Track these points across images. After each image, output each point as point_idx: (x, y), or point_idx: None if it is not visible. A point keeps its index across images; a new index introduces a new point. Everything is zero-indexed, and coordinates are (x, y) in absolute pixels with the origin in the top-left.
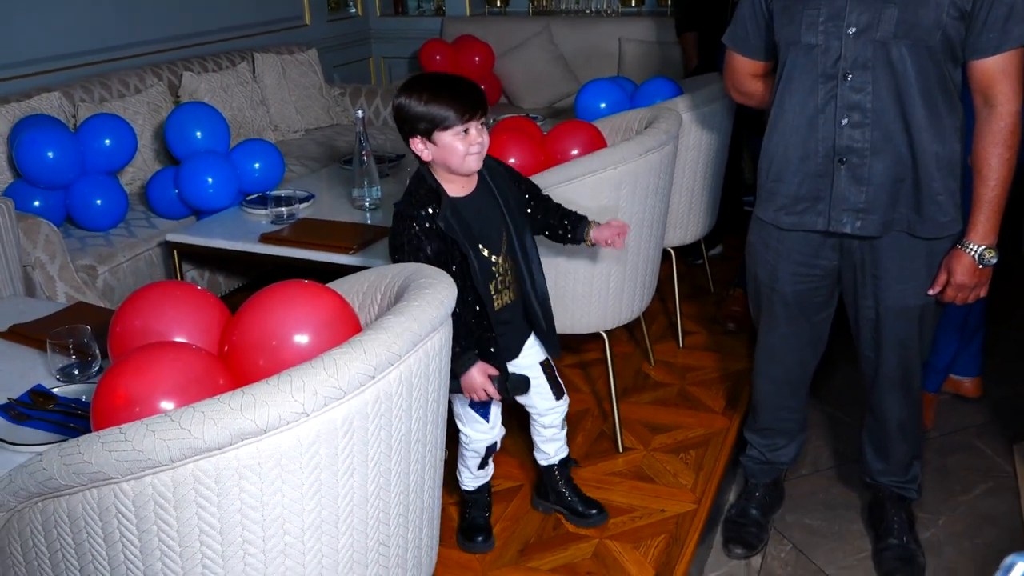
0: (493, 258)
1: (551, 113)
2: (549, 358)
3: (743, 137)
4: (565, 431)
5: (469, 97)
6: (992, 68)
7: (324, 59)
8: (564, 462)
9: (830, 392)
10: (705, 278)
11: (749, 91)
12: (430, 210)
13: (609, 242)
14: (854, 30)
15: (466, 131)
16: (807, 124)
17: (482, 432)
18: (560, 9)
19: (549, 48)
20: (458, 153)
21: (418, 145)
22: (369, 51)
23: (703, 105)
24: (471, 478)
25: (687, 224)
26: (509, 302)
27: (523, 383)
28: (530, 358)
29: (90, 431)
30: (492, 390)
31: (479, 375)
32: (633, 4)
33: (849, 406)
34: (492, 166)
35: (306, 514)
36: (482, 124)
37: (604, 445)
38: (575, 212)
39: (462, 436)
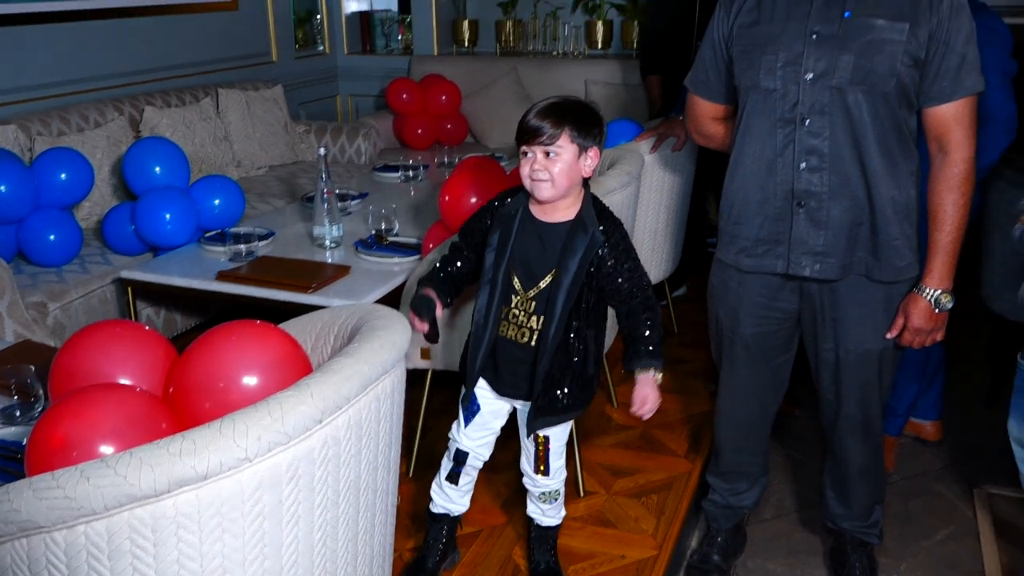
0: (517, 286)
1: (515, 152)
2: (549, 437)
3: (707, 178)
4: (553, 506)
5: (543, 117)
6: (945, 115)
7: (290, 96)
8: (547, 529)
9: (792, 435)
10: (669, 319)
11: (710, 133)
12: (507, 200)
13: (632, 408)
14: (811, 75)
15: (526, 153)
16: (766, 167)
17: (458, 432)
18: (527, 51)
19: (516, 89)
20: (523, 173)
21: None
22: (336, 88)
23: (665, 147)
24: (437, 489)
25: (650, 265)
26: (518, 341)
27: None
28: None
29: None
30: (418, 325)
31: (412, 317)
32: (599, 47)
33: (811, 449)
34: (592, 221)
35: (248, 564)
36: (548, 153)
37: (566, 489)
38: (647, 345)
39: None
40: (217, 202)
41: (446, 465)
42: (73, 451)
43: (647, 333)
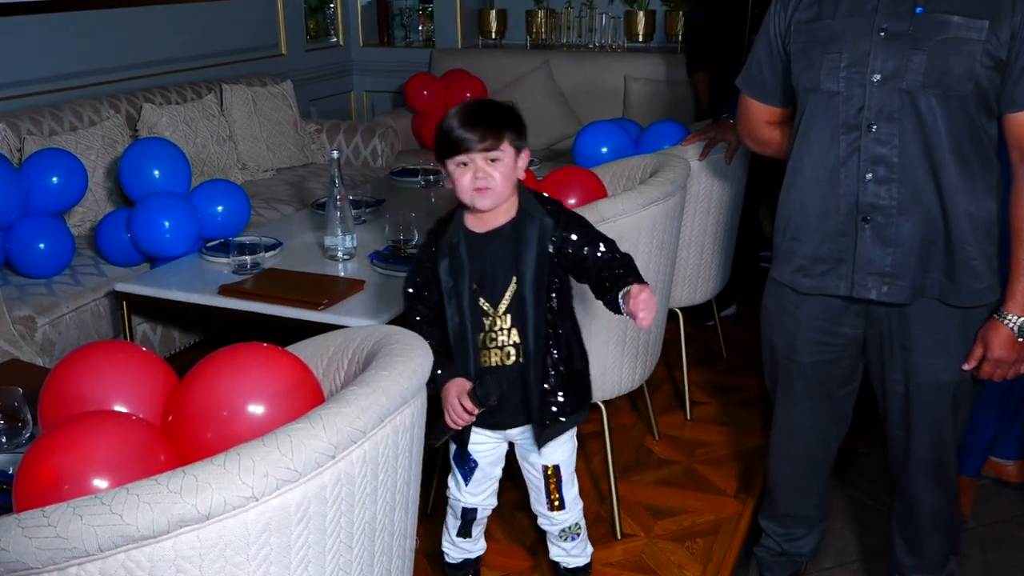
0: (486, 307)
1: (548, 156)
2: (559, 466)
3: (761, 186)
4: (576, 542)
5: (478, 122)
6: None
7: (300, 92)
8: (576, 571)
9: (855, 474)
10: (717, 342)
11: (764, 139)
12: (440, 234)
13: (631, 313)
14: (879, 77)
15: (466, 163)
16: (827, 178)
17: (459, 491)
18: (561, 43)
19: (548, 85)
20: (463, 187)
21: (444, 169)
22: (351, 84)
23: (714, 152)
24: (450, 545)
25: (696, 282)
26: (504, 364)
27: (493, 387)
28: (533, 453)
29: (12, 510)
30: (469, 405)
31: (453, 390)
32: (640, 39)
33: (877, 491)
34: (537, 208)
35: None
36: (492, 159)
37: (600, 530)
38: (628, 264)
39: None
40: (220, 209)
41: (453, 524)
42: (64, 485)
43: (614, 259)
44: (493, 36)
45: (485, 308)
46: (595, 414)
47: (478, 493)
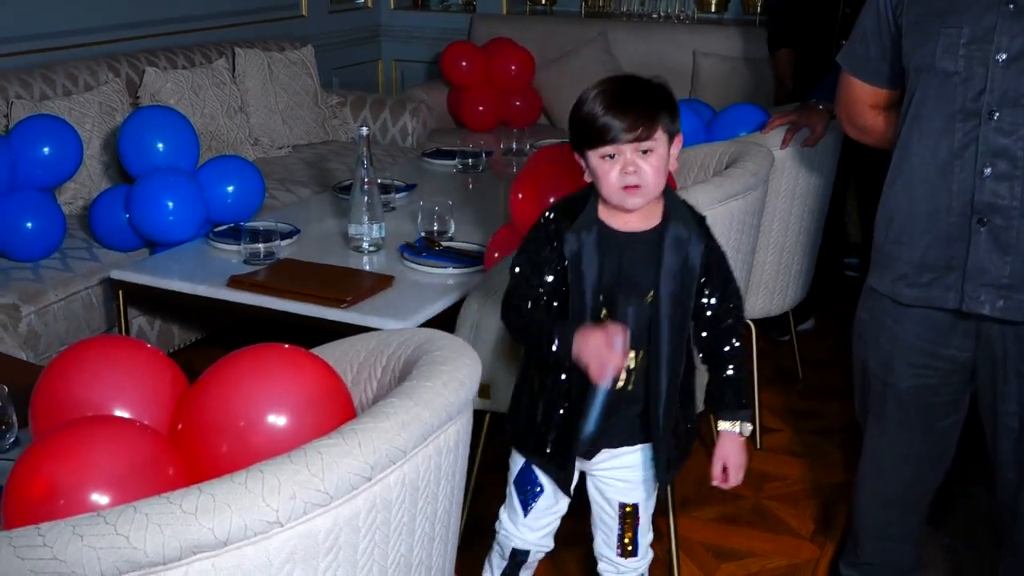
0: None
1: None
2: (638, 505)
3: (847, 182)
4: None
5: (629, 106)
6: None
7: (322, 59)
8: None
9: (955, 521)
10: (792, 360)
11: (867, 125)
12: (565, 215)
13: (712, 477)
14: (1005, 56)
15: (612, 156)
16: (939, 172)
17: (513, 525)
18: (621, 11)
19: (604, 59)
20: (609, 184)
21: (580, 160)
22: (379, 52)
23: (798, 140)
24: None
25: (774, 291)
26: (623, 388)
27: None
28: (614, 487)
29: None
30: (619, 349)
31: (595, 336)
32: (713, 9)
33: (979, 540)
34: (685, 215)
35: None
36: (644, 150)
37: (656, 573)
38: (734, 387)
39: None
40: (231, 189)
41: (499, 564)
42: (60, 499)
43: (732, 369)
44: (543, 1)
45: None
46: None
47: (537, 528)
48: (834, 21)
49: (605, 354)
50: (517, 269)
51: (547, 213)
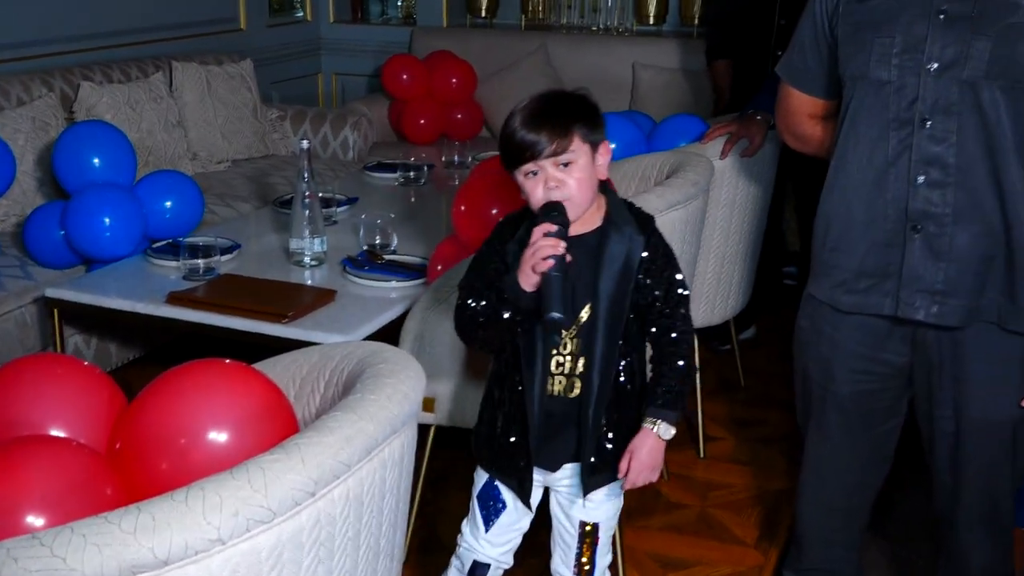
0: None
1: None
2: (598, 525)
3: (785, 191)
4: None
5: (541, 121)
6: None
7: (261, 73)
8: None
9: (895, 525)
10: (734, 369)
11: (805, 135)
12: (512, 230)
13: (620, 470)
14: (936, 66)
15: (535, 172)
16: (874, 180)
17: (474, 539)
18: (560, 24)
19: (545, 71)
20: (536, 199)
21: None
22: (319, 65)
23: (736, 150)
24: None
25: (715, 300)
26: (564, 395)
27: (552, 321)
28: (575, 504)
29: None
30: (545, 228)
31: (529, 248)
32: (651, 22)
33: (919, 544)
34: (627, 219)
35: None
36: (564, 163)
37: None
38: (663, 385)
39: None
40: (169, 204)
41: (457, 573)
42: None
43: (670, 367)
44: (483, 14)
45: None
46: None
47: (499, 544)
48: (770, 32)
49: (541, 245)
50: (466, 283)
51: (497, 226)
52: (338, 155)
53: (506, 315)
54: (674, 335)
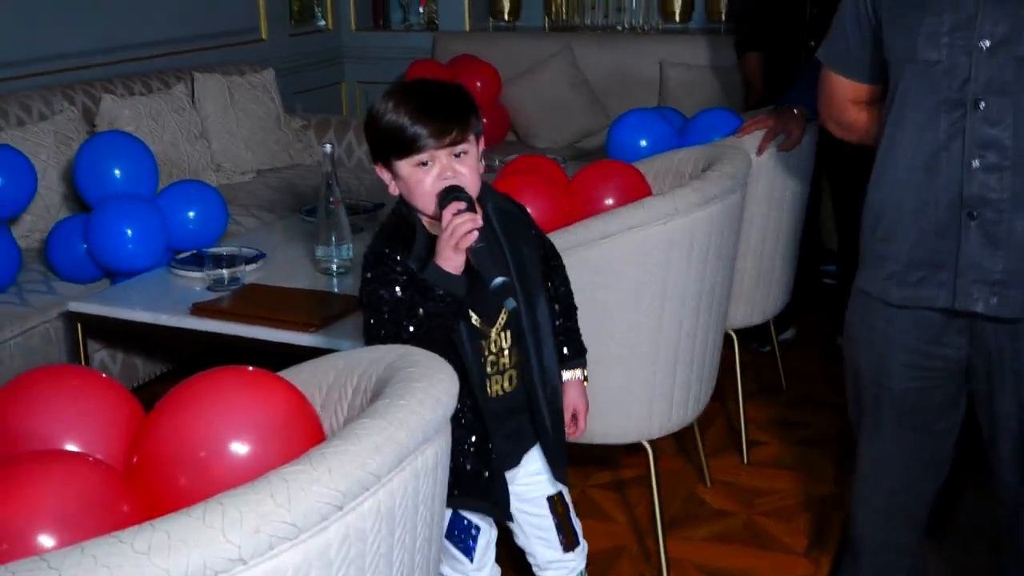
0: (480, 325)
1: (574, 155)
2: (563, 492)
3: (821, 186)
4: None
5: (440, 112)
6: None
7: (284, 82)
8: None
9: (955, 531)
10: (775, 371)
11: (849, 122)
12: (399, 251)
13: (568, 428)
14: (989, 43)
15: (425, 163)
16: (925, 166)
17: (462, 574)
18: (585, 25)
19: (571, 72)
20: (423, 190)
21: (384, 174)
22: (341, 74)
23: (774, 143)
24: None
25: (755, 299)
26: (506, 391)
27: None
28: (533, 486)
29: None
30: (456, 206)
31: (443, 232)
32: (677, 19)
33: (981, 549)
34: (506, 209)
35: None
36: (457, 153)
37: None
38: (579, 336)
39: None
40: (192, 215)
41: None
42: (3, 543)
43: (563, 318)
44: (506, 17)
45: (480, 328)
46: (639, 457)
47: (485, 564)
48: (802, 23)
49: (458, 224)
50: (378, 315)
51: (378, 251)
52: (364, 163)
53: (440, 298)
54: (563, 286)
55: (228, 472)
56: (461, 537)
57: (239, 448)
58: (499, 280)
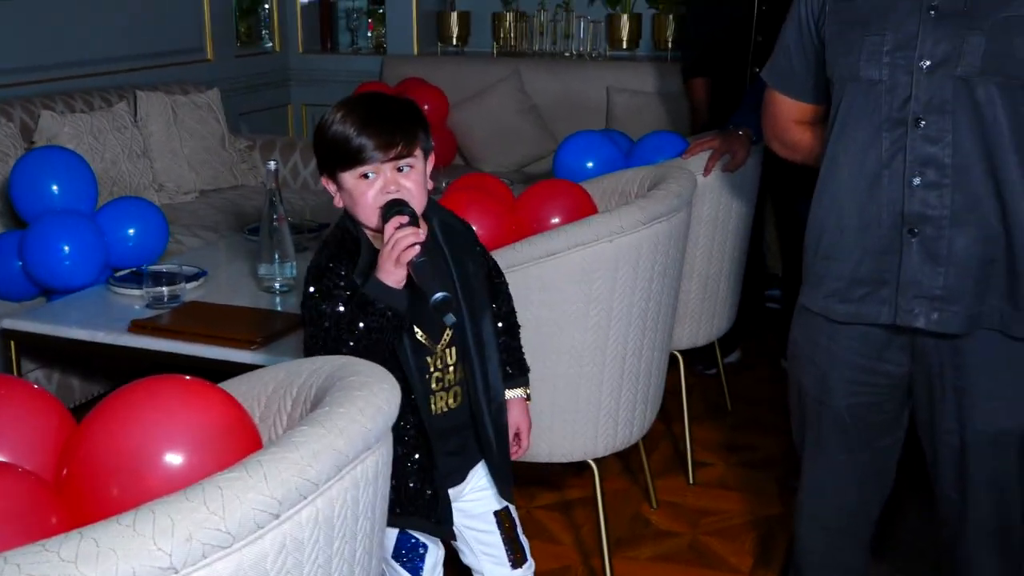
0: (425, 340)
1: (521, 179)
2: (509, 508)
3: (765, 210)
4: None
5: (384, 124)
6: None
7: (229, 103)
8: None
9: (897, 548)
10: (720, 393)
11: (794, 142)
12: (343, 265)
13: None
14: (928, 63)
15: (368, 175)
16: (867, 184)
17: None
18: (533, 51)
19: (518, 97)
20: (366, 202)
21: (330, 186)
22: (287, 96)
23: (719, 165)
24: None
25: (700, 320)
26: (451, 407)
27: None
28: (480, 501)
29: None
30: (398, 221)
31: (385, 246)
32: (624, 46)
33: (923, 566)
34: (449, 223)
35: None
36: (401, 167)
37: None
38: (521, 354)
39: None
40: (132, 232)
41: None
42: None
43: (511, 337)
44: (454, 42)
45: (424, 343)
46: (585, 477)
47: None
48: (747, 49)
49: (399, 237)
50: (317, 329)
51: (321, 265)
52: (309, 184)
53: (380, 312)
54: (506, 305)
55: (162, 482)
56: (409, 556)
57: (173, 458)
58: (439, 295)
